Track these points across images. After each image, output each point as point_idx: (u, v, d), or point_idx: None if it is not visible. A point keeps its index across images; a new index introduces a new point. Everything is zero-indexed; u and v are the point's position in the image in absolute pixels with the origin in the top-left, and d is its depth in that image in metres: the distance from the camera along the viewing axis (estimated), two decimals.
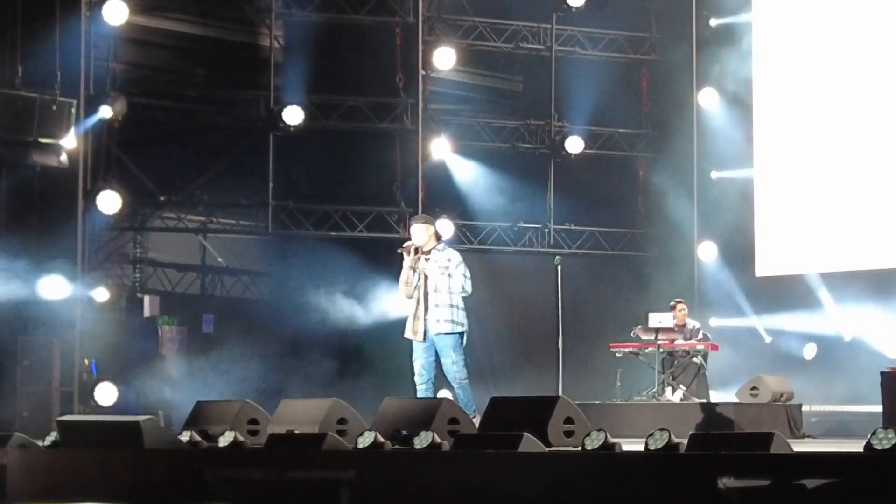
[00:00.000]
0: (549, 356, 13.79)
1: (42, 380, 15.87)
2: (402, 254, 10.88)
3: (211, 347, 18.46)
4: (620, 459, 6.87)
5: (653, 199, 19.15)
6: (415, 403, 9.42)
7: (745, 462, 6.30)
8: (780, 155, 17.84)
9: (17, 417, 15.32)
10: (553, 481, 6.92)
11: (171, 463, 8.53)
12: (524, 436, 7.27)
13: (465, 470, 7.28)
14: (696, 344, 15.59)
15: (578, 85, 18.83)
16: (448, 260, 10.73)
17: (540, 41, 19.19)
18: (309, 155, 18.37)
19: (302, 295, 18.52)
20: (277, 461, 8.03)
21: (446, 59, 18.55)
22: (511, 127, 19.24)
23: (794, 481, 6.09)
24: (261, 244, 18.93)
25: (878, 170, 16.72)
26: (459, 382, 10.68)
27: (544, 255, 18.41)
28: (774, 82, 17.94)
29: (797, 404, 14.57)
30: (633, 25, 19.44)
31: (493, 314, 17.68)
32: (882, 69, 16.81)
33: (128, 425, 8.83)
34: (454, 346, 10.64)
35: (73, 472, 8.90)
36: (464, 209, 18.65)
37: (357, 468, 7.58)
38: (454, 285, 10.65)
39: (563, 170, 19.11)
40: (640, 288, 18.53)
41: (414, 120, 18.37)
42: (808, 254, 17.26)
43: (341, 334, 17.66)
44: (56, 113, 15.36)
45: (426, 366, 10.71)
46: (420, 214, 11.04)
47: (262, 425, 9.52)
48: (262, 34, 18.61)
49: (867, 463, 6.04)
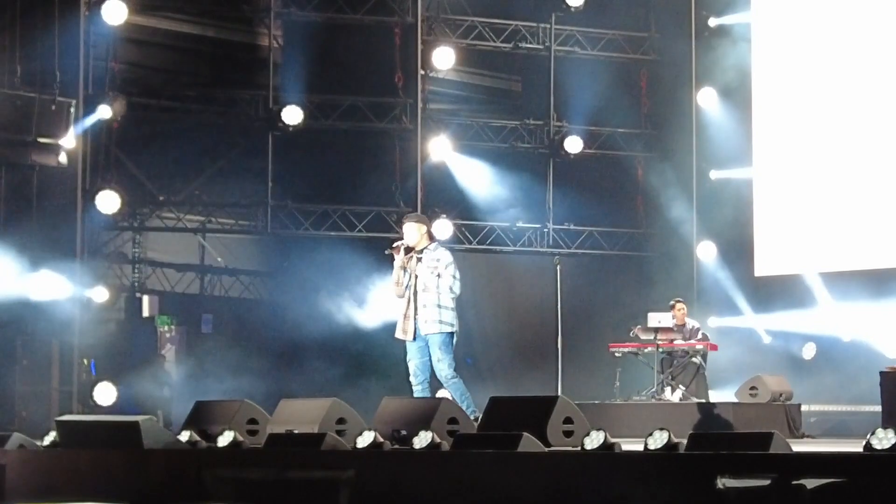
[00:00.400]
0: (549, 356, 13.80)
1: (41, 380, 15.87)
2: (391, 254, 10.85)
3: (210, 347, 18.46)
4: (620, 459, 6.87)
5: (652, 199, 19.15)
6: (414, 403, 9.43)
7: (744, 462, 6.30)
8: (779, 154, 17.83)
9: (16, 417, 15.31)
10: (552, 481, 6.92)
11: (171, 463, 8.52)
12: (524, 436, 7.27)
13: (464, 470, 7.28)
14: (696, 344, 15.60)
15: (577, 85, 18.82)
16: (437, 260, 10.69)
17: (539, 41, 19.19)
18: (308, 155, 18.37)
19: (301, 295, 18.51)
20: (276, 461, 8.03)
21: (445, 59, 18.55)
22: (510, 127, 19.23)
23: (793, 481, 6.09)
24: (260, 244, 18.92)
25: (877, 169, 16.72)
26: (447, 381, 10.60)
27: (543, 254, 18.41)
28: (773, 82, 17.94)
29: (796, 404, 14.57)
30: (632, 25, 19.44)
31: (492, 314, 17.68)
32: (881, 69, 16.81)
33: (127, 425, 8.83)
34: (441, 345, 10.58)
35: (72, 472, 8.90)
36: (463, 209, 18.65)
37: (356, 468, 7.58)
38: (443, 285, 10.62)
39: (562, 170, 19.10)
40: (639, 288, 18.53)
41: (413, 120, 18.37)
42: (807, 253, 17.25)
43: (340, 334, 17.66)
44: (55, 113, 15.36)
45: (420, 366, 10.65)
46: (413, 213, 11.00)
47: (261, 425, 9.51)
48: (261, 34, 18.62)
49: (866, 463, 6.04)
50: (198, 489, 8.14)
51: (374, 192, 18.39)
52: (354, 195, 18.30)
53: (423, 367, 10.64)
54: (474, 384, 14.58)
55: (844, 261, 16.82)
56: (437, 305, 10.58)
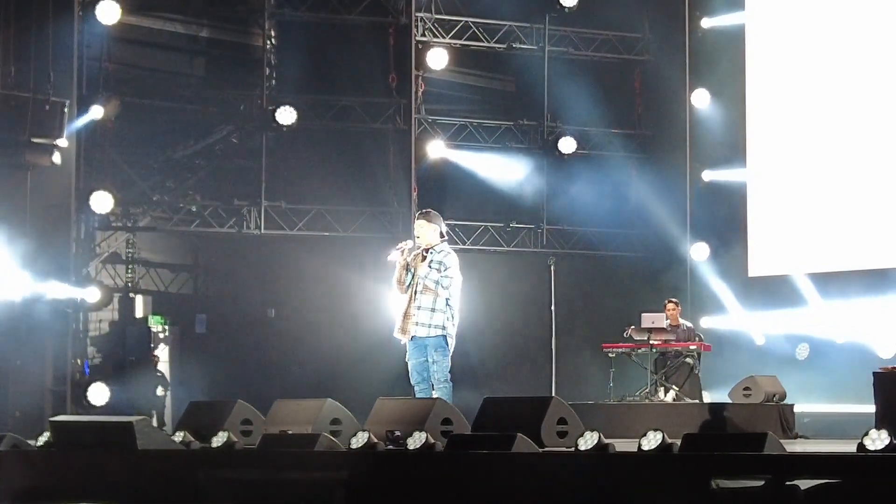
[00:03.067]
0: (543, 356, 13.81)
1: (34, 380, 15.86)
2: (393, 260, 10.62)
3: (204, 347, 18.45)
4: (614, 460, 6.88)
5: (645, 200, 19.16)
6: (408, 404, 9.41)
7: (738, 462, 6.31)
8: (772, 155, 17.85)
9: (9, 418, 15.29)
10: (546, 482, 6.92)
11: (165, 463, 8.52)
12: (517, 436, 7.27)
13: (458, 470, 7.28)
14: (689, 344, 15.60)
15: (571, 85, 18.83)
16: (439, 262, 10.49)
17: (533, 41, 19.20)
18: (302, 155, 18.37)
19: (295, 295, 18.51)
20: (271, 461, 8.03)
21: (439, 60, 18.56)
22: (504, 127, 19.24)
23: (787, 482, 6.11)
24: (253, 244, 18.89)
25: (871, 170, 16.73)
26: (437, 383, 10.32)
27: (537, 255, 18.41)
28: (767, 82, 17.96)
29: (790, 404, 14.57)
30: (626, 26, 19.45)
31: (486, 314, 17.67)
32: (875, 70, 16.83)
33: (121, 426, 8.83)
34: (435, 347, 10.30)
35: (66, 473, 8.89)
36: (457, 209, 18.64)
37: (350, 469, 7.58)
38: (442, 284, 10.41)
39: (556, 170, 19.11)
40: (632, 288, 18.54)
41: (407, 120, 18.37)
42: (800, 254, 17.27)
43: (334, 334, 17.66)
44: (49, 113, 15.35)
45: (416, 366, 10.51)
46: (427, 211, 10.75)
47: (255, 425, 9.51)
48: (255, 34, 18.60)
49: (860, 463, 6.05)
50: (192, 490, 8.14)
51: (368, 193, 18.39)
52: (348, 195, 18.29)
53: (420, 367, 10.47)
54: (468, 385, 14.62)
55: (838, 261, 16.84)
56: (431, 309, 10.34)
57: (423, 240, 10.46)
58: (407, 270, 10.52)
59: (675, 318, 15.94)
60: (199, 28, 19.04)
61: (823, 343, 16.83)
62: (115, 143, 17.51)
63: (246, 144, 18.28)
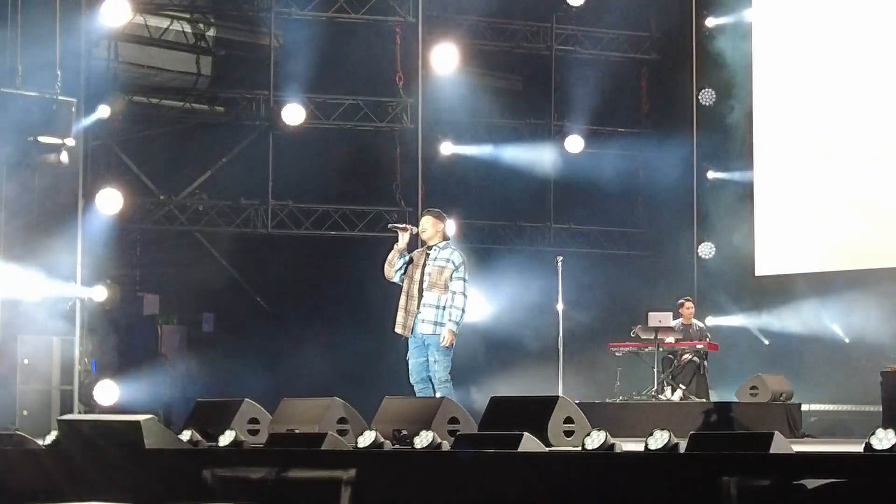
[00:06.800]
0: (550, 355, 13.80)
1: (42, 379, 15.87)
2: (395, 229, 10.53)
3: (211, 346, 18.45)
4: (620, 459, 6.87)
5: (652, 199, 19.15)
6: (415, 403, 9.41)
7: (744, 462, 6.30)
8: (780, 154, 17.83)
9: (16, 416, 15.31)
10: (553, 481, 6.92)
11: (172, 462, 8.52)
12: (524, 435, 7.26)
13: (465, 470, 7.28)
14: (695, 343, 15.59)
15: (578, 84, 18.84)
16: (448, 260, 10.44)
17: (540, 40, 19.21)
18: (308, 154, 18.37)
19: (302, 294, 18.51)
20: (278, 460, 8.03)
21: (446, 59, 18.55)
22: (511, 126, 19.23)
23: (793, 481, 6.10)
24: (260, 243, 18.89)
25: (879, 169, 16.71)
26: (439, 383, 10.27)
27: (545, 253, 18.40)
28: (774, 81, 17.94)
29: (796, 404, 14.57)
30: (633, 25, 19.45)
31: (493, 313, 17.67)
32: (882, 69, 16.80)
33: (128, 424, 8.82)
34: (438, 346, 10.36)
35: (74, 472, 8.90)
36: (464, 208, 18.64)
37: (357, 468, 7.58)
38: (453, 287, 10.35)
39: (563, 169, 19.10)
40: (639, 287, 18.54)
41: (414, 119, 18.38)
42: (807, 253, 17.25)
43: (341, 333, 17.65)
44: (56, 112, 15.36)
45: (416, 366, 10.46)
46: (434, 209, 10.79)
47: (262, 424, 9.51)
48: (262, 33, 18.61)
49: (867, 463, 6.04)
50: (199, 489, 8.14)
51: (375, 192, 18.40)
52: (355, 195, 18.31)
53: (421, 365, 10.43)
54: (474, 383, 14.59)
55: (845, 260, 16.82)
56: (437, 306, 10.35)
57: (426, 234, 10.49)
58: (400, 255, 10.50)
59: (689, 318, 15.95)
60: (206, 27, 19.05)
61: (831, 342, 16.82)
62: (123, 143, 17.53)
63: (253, 144, 18.29)
